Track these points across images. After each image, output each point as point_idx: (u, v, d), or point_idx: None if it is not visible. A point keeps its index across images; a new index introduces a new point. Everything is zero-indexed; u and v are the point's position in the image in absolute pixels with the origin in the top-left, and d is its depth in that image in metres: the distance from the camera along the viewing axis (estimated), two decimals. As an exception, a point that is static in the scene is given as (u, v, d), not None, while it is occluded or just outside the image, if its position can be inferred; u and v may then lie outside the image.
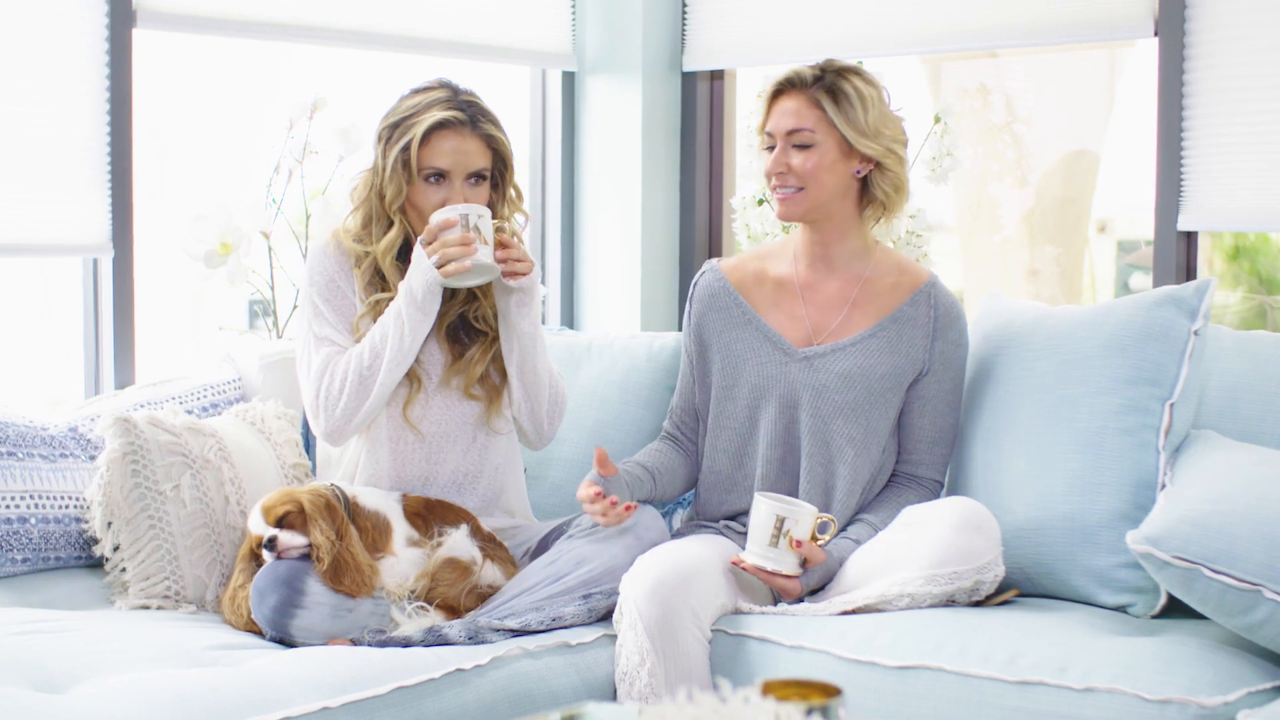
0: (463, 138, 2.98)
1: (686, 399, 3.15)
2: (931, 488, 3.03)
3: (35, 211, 3.27)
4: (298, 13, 3.66)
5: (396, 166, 2.96)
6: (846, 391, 2.96)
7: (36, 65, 3.25)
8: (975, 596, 2.76)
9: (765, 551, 2.79)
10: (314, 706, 2.39)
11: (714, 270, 3.14)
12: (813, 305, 3.05)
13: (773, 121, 3.00)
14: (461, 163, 2.97)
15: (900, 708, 2.54)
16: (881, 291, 3.03)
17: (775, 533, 2.78)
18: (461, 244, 2.85)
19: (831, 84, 2.97)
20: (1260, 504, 2.49)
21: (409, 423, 3.01)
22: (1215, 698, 2.33)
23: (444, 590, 2.87)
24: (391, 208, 2.98)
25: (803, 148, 2.96)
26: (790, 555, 2.79)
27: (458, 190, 2.97)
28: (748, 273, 3.12)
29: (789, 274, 3.08)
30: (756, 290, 3.09)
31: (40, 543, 2.95)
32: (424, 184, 2.97)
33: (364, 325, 3.00)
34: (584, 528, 2.98)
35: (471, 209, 2.88)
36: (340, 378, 2.95)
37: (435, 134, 2.96)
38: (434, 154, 2.96)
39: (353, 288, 3.02)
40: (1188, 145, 3.45)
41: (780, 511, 2.78)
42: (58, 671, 2.44)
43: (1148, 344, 2.87)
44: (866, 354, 2.97)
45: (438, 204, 2.96)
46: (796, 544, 2.78)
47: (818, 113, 2.96)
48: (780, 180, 2.97)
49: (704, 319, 3.11)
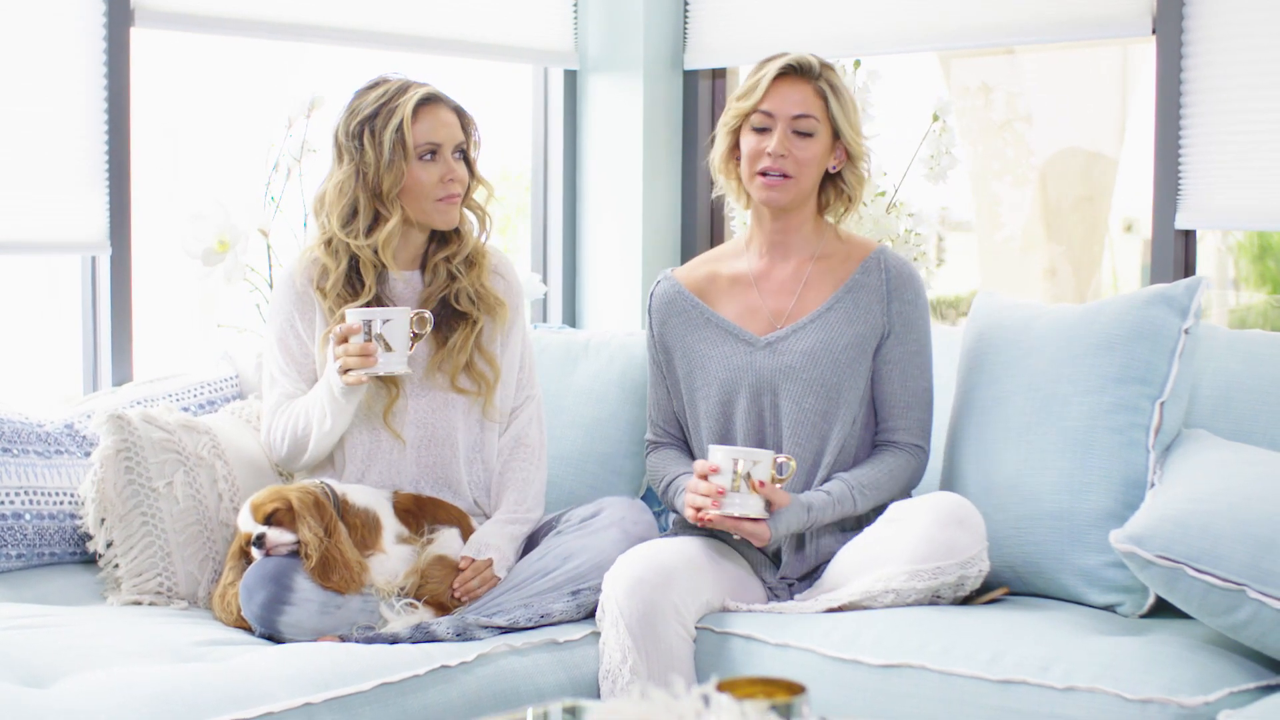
0: (445, 110, 3.01)
1: (664, 409, 3.14)
2: (913, 452, 3.00)
3: (33, 210, 3.29)
4: (297, 12, 3.67)
5: (394, 151, 2.96)
6: (813, 368, 2.96)
7: (35, 64, 3.27)
8: (960, 592, 2.76)
9: (728, 498, 2.79)
10: (296, 702, 2.40)
11: (668, 279, 3.14)
12: (768, 293, 3.05)
13: (774, 103, 2.97)
14: (449, 135, 3.00)
15: (884, 706, 2.54)
16: (833, 267, 3.04)
17: (734, 476, 2.79)
18: (361, 354, 2.87)
19: (829, 78, 2.98)
20: (1245, 503, 2.48)
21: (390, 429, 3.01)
22: (1196, 697, 2.32)
23: (433, 587, 2.88)
24: (389, 196, 2.98)
25: (804, 135, 2.97)
26: (753, 498, 2.79)
27: (450, 164, 2.99)
28: (701, 275, 3.13)
29: (743, 269, 3.09)
30: (711, 289, 3.10)
31: (35, 538, 2.97)
32: (419, 163, 2.98)
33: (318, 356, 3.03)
34: (573, 523, 2.99)
35: (377, 314, 2.89)
36: (280, 431, 3.02)
37: (422, 110, 2.98)
38: (427, 129, 2.98)
39: (313, 322, 3.03)
40: (1185, 144, 3.44)
41: (735, 454, 2.79)
42: (44, 666, 2.46)
43: (1138, 343, 2.86)
44: (827, 327, 2.98)
45: (437, 181, 2.98)
46: (760, 484, 2.78)
47: (820, 103, 2.97)
48: (777, 164, 2.96)
49: (665, 326, 3.11)
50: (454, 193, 3.00)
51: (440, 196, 2.99)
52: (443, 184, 2.98)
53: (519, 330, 3.15)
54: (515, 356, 3.14)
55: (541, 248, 4.34)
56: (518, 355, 3.14)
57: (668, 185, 4.26)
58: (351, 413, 2.96)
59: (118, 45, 3.36)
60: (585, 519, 2.98)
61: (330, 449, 3.02)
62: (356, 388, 2.92)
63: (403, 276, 3.06)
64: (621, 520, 2.94)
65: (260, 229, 3.57)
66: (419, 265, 3.08)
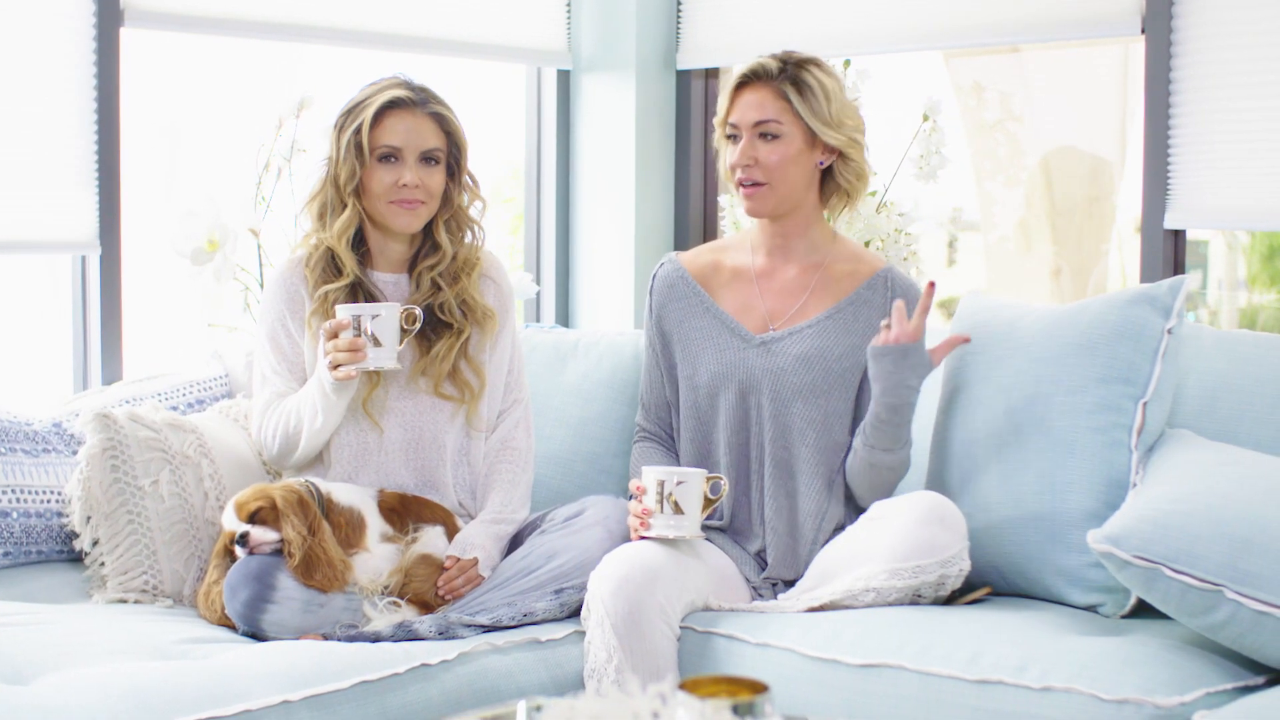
0: (414, 117, 3.00)
1: (658, 393, 3.15)
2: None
3: (23, 209, 3.31)
4: (288, 11, 3.68)
5: (350, 148, 2.98)
6: (804, 374, 2.96)
7: (24, 64, 3.28)
8: (941, 592, 2.76)
9: (655, 519, 2.81)
10: (274, 700, 2.40)
11: (672, 262, 3.15)
12: (769, 293, 3.06)
13: (737, 114, 3.00)
14: (413, 141, 2.99)
15: (862, 705, 2.54)
16: (838, 278, 3.04)
17: (659, 497, 2.80)
18: (350, 349, 2.87)
19: (794, 75, 2.97)
20: (1223, 503, 2.48)
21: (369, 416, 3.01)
22: (1172, 698, 2.32)
23: (417, 586, 2.89)
24: (345, 190, 2.99)
25: (769, 138, 2.97)
26: (680, 518, 2.80)
27: (410, 169, 2.98)
28: (705, 263, 3.13)
29: (746, 264, 3.09)
30: (714, 279, 3.11)
31: (22, 536, 2.98)
32: (377, 164, 2.99)
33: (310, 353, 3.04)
34: (557, 522, 2.99)
35: (366, 309, 2.90)
36: (271, 429, 3.02)
37: (387, 113, 2.99)
38: (385, 133, 2.98)
39: (303, 322, 3.04)
40: (1174, 144, 3.43)
41: (663, 475, 2.81)
42: (26, 663, 2.46)
43: (1120, 342, 2.86)
44: (823, 336, 2.98)
45: (390, 184, 2.98)
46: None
47: (783, 104, 2.96)
48: (746, 173, 2.97)
49: (664, 310, 3.12)
50: (407, 198, 2.99)
51: (392, 199, 2.99)
52: (395, 188, 2.98)
53: (508, 335, 3.16)
54: (503, 362, 3.14)
55: (535, 247, 4.35)
56: (505, 360, 3.15)
57: (661, 185, 4.26)
58: (343, 409, 2.97)
59: (107, 45, 3.37)
60: (569, 518, 2.99)
61: (321, 446, 3.03)
62: (347, 384, 2.92)
63: (391, 278, 3.07)
64: (605, 519, 2.94)
65: (251, 228, 3.58)
66: (406, 269, 3.09)
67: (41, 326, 3.81)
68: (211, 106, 4.10)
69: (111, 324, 3.45)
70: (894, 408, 2.88)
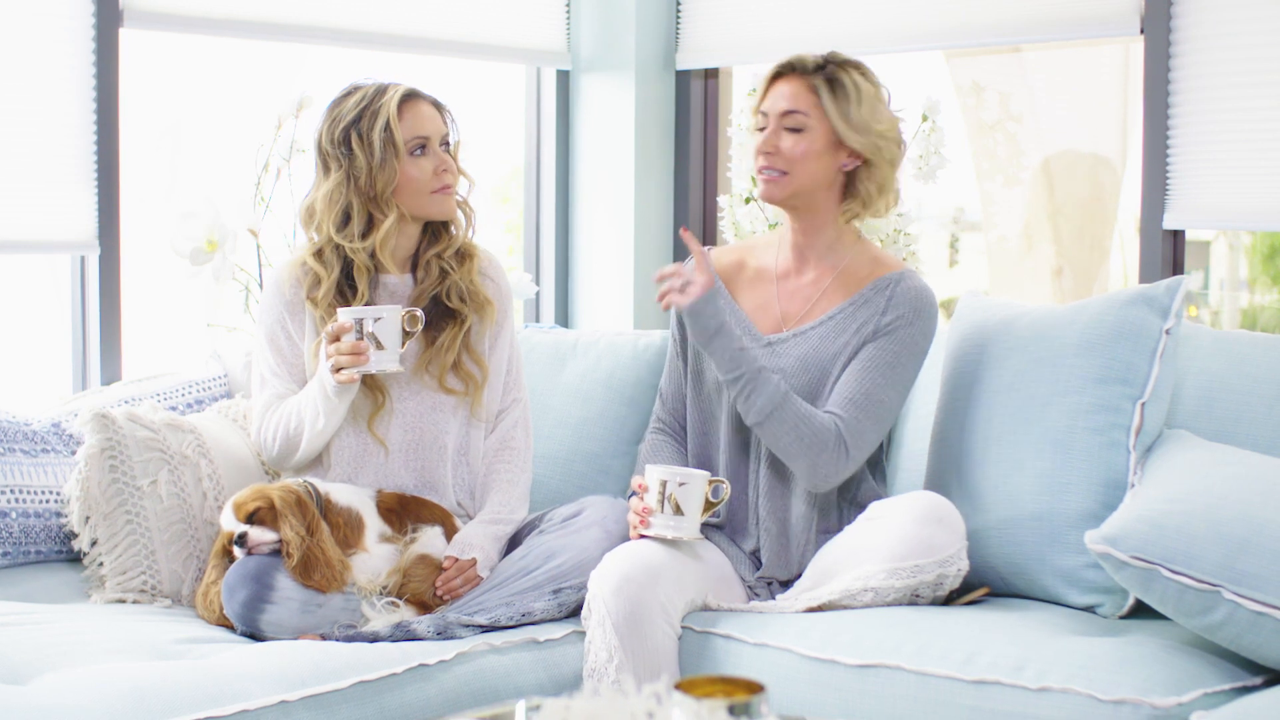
0: (425, 105, 3.04)
1: (675, 385, 3.15)
2: (836, 435, 2.86)
3: (22, 209, 3.31)
4: (286, 12, 3.68)
5: (385, 150, 2.97)
6: (802, 375, 2.96)
7: (24, 64, 3.28)
8: (939, 591, 2.76)
9: (655, 518, 2.82)
10: (272, 700, 2.40)
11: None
12: (785, 295, 3.06)
13: (768, 102, 3.01)
14: (435, 127, 3.03)
15: (859, 705, 2.54)
16: (853, 282, 3.03)
17: (660, 497, 2.81)
18: (353, 353, 2.88)
19: (831, 74, 2.97)
20: (1221, 503, 2.48)
21: (374, 435, 3.02)
22: (1169, 698, 2.31)
23: (415, 586, 2.89)
24: (384, 196, 2.99)
25: (794, 131, 2.97)
26: (679, 519, 2.81)
27: (440, 156, 3.01)
28: (730, 262, 3.14)
29: (769, 264, 3.10)
30: (737, 278, 3.11)
31: (21, 536, 2.98)
32: (410, 159, 3.00)
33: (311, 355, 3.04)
34: (555, 522, 2.99)
35: (368, 312, 2.91)
36: (272, 430, 3.02)
37: (405, 106, 3.00)
38: (414, 123, 3.00)
39: (303, 323, 3.04)
40: (1174, 144, 3.43)
41: (666, 474, 2.81)
42: (24, 663, 2.47)
43: (1118, 343, 2.86)
44: (820, 337, 2.98)
45: (431, 173, 3.00)
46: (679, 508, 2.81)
47: (813, 98, 2.96)
48: (768, 160, 2.98)
49: None
50: (448, 183, 3.03)
51: (435, 188, 3.01)
52: (437, 175, 3.01)
53: (507, 333, 3.16)
54: (503, 358, 3.14)
55: (534, 247, 4.35)
56: (505, 357, 3.15)
57: (660, 185, 4.26)
58: (344, 412, 2.97)
59: (106, 45, 3.37)
60: (567, 518, 2.99)
61: (322, 448, 3.03)
62: (349, 386, 2.92)
63: (394, 279, 3.08)
64: (603, 520, 2.94)
65: (250, 229, 3.58)
66: (410, 267, 3.09)
67: (41, 326, 3.81)
68: (211, 107, 4.11)
69: (110, 324, 3.45)
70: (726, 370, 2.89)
